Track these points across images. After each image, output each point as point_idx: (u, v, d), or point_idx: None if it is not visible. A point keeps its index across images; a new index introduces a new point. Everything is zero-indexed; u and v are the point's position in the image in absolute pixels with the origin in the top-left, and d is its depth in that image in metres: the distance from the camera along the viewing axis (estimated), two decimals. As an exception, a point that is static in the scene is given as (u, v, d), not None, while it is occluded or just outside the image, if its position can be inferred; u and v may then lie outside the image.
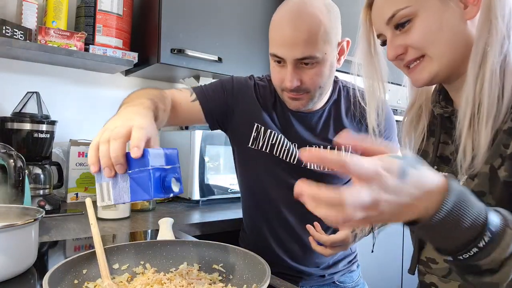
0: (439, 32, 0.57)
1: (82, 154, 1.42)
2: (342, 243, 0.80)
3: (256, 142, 0.97)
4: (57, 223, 1.07)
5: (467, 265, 0.45)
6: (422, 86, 0.63)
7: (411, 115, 0.73)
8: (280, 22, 0.83)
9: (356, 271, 1.07)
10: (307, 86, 0.86)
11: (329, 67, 0.86)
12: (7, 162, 0.92)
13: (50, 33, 1.29)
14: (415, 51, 0.59)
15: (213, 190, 1.49)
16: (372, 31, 0.67)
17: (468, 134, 0.55)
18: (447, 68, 0.59)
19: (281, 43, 0.82)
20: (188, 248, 0.70)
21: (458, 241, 0.43)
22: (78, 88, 1.56)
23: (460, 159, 0.56)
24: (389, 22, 0.60)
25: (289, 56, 0.82)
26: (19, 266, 0.66)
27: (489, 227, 0.43)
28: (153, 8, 1.43)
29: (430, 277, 0.64)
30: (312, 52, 0.81)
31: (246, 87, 1.00)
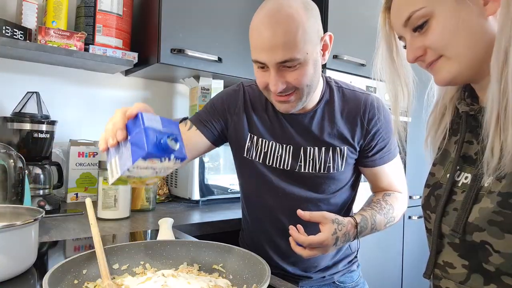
0: (456, 32, 0.55)
1: (82, 154, 1.42)
2: (320, 245, 0.79)
3: (250, 152, 0.98)
4: (57, 223, 1.07)
5: None
6: (444, 85, 0.62)
7: (435, 113, 0.71)
8: (258, 27, 0.82)
9: (356, 271, 1.07)
10: (294, 85, 0.84)
11: (312, 65, 0.84)
12: (7, 162, 0.92)
13: (50, 33, 1.29)
14: (433, 52, 0.59)
15: (213, 190, 1.49)
16: (392, 35, 0.66)
17: (496, 134, 0.53)
18: (469, 68, 0.57)
19: (261, 48, 0.81)
20: (188, 248, 0.70)
21: None
22: (78, 88, 1.56)
23: (487, 159, 0.55)
24: (406, 24, 0.59)
25: (270, 61, 0.81)
26: (19, 266, 0.66)
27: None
28: (153, 8, 1.43)
29: (447, 282, 0.62)
30: (293, 54, 0.80)
31: (236, 98, 1.00)
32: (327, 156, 0.93)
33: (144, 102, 1.71)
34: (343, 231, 0.81)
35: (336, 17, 1.66)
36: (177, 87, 1.83)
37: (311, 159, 0.93)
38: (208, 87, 1.62)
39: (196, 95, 1.63)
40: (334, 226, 0.80)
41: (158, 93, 1.77)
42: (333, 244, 0.80)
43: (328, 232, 0.78)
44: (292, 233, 0.80)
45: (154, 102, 1.75)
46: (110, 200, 1.14)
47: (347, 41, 1.70)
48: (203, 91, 1.61)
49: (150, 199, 1.34)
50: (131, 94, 1.69)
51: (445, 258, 0.62)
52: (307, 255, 0.79)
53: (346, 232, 0.82)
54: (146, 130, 0.57)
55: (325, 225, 0.80)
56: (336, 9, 1.67)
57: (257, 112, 0.98)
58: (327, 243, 0.78)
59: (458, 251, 0.60)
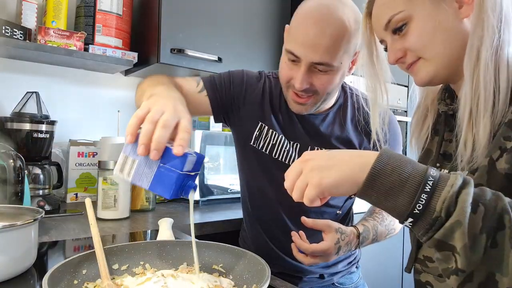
0: (433, 34, 0.58)
1: (82, 154, 1.42)
2: (323, 254, 0.79)
3: (257, 141, 0.96)
4: (57, 223, 1.07)
5: (429, 221, 0.44)
6: (423, 85, 0.65)
7: (417, 115, 0.74)
8: (305, 19, 0.80)
9: (356, 272, 1.06)
10: (316, 89, 0.84)
11: (340, 75, 0.85)
12: (7, 162, 0.92)
13: (50, 33, 1.29)
14: (412, 54, 0.61)
15: (213, 190, 1.49)
16: (373, 39, 0.69)
17: (468, 128, 0.56)
18: (446, 68, 0.60)
19: (302, 42, 0.79)
20: (188, 248, 0.70)
21: (405, 192, 0.45)
22: (78, 88, 1.55)
23: (460, 153, 0.57)
24: (387, 28, 0.62)
25: (306, 58, 0.80)
26: (19, 266, 0.66)
27: (430, 173, 0.45)
28: (153, 8, 1.43)
29: (426, 276, 0.65)
30: (331, 59, 0.79)
31: (255, 83, 0.98)
32: None
33: (144, 102, 1.71)
34: (345, 240, 0.81)
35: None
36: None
37: None
38: (208, 87, 1.62)
39: (196, 95, 1.63)
40: (337, 236, 0.80)
41: (158, 93, 1.76)
42: (335, 253, 0.80)
43: (331, 241, 0.79)
44: (295, 239, 0.81)
45: (154, 102, 1.75)
46: (109, 200, 1.14)
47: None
48: (203, 91, 1.61)
49: (150, 199, 1.34)
50: (131, 94, 1.68)
51: (425, 252, 0.65)
52: (308, 262, 0.80)
53: (349, 242, 0.82)
54: (181, 177, 0.56)
55: (329, 234, 0.80)
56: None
57: (272, 104, 0.97)
58: (329, 252, 0.79)
59: None
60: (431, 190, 0.44)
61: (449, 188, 0.44)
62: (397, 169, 0.47)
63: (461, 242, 0.43)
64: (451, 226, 0.43)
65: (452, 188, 0.44)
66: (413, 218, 0.46)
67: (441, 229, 0.44)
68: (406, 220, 0.46)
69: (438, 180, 0.45)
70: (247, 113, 0.97)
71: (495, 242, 0.43)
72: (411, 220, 0.46)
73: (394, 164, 0.47)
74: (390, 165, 0.47)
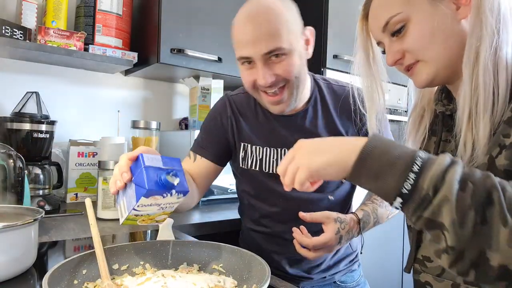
0: (431, 35, 0.59)
1: (82, 154, 1.42)
2: (325, 246, 0.79)
3: (244, 161, 0.98)
4: (57, 223, 1.07)
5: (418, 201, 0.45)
6: (423, 87, 0.65)
7: (414, 115, 0.75)
8: (239, 24, 0.84)
9: (357, 270, 1.06)
10: (283, 77, 0.83)
11: (298, 57, 0.84)
12: (7, 162, 0.92)
13: (50, 33, 1.29)
14: (411, 55, 0.61)
15: (213, 190, 1.49)
16: (369, 41, 0.70)
17: (468, 128, 0.56)
18: (445, 70, 0.60)
19: (245, 42, 0.81)
20: (188, 248, 0.70)
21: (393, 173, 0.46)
22: (78, 88, 1.55)
23: (460, 153, 0.57)
24: (385, 30, 0.62)
25: (255, 53, 0.81)
26: (19, 266, 0.66)
27: (419, 154, 0.47)
28: (153, 8, 1.43)
29: (425, 276, 0.65)
30: (277, 43, 0.80)
31: (224, 111, 1.00)
32: None
33: (144, 102, 1.72)
34: (346, 229, 0.81)
35: (336, 17, 1.67)
36: (177, 87, 1.83)
37: None
38: (208, 87, 1.62)
39: (196, 95, 1.63)
40: (337, 225, 0.80)
41: (158, 93, 1.77)
42: (337, 243, 0.80)
43: (331, 232, 0.79)
44: (296, 235, 0.81)
45: (154, 102, 1.75)
46: (109, 200, 1.14)
47: (347, 41, 1.70)
48: (203, 91, 1.61)
49: (150, 199, 1.33)
50: (131, 94, 1.69)
51: (423, 252, 0.65)
52: (312, 257, 0.80)
53: (350, 230, 0.82)
54: (146, 169, 0.61)
55: (328, 225, 0.80)
56: (336, 9, 1.67)
57: (247, 119, 0.98)
58: (331, 243, 0.78)
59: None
60: (420, 169, 0.45)
61: (437, 166, 0.45)
62: (386, 151, 0.48)
63: (449, 218, 0.43)
64: (439, 203, 0.44)
65: (440, 166, 0.45)
66: (402, 199, 0.46)
67: (429, 206, 0.45)
68: (395, 200, 0.47)
69: (426, 160, 0.46)
70: (231, 140, 0.99)
71: (484, 219, 0.43)
72: (401, 201, 0.46)
73: (383, 147, 0.48)
74: (379, 148, 0.48)
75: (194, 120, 1.64)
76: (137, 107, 1.70)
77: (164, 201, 0.63)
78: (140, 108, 1.71)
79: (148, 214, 0.65)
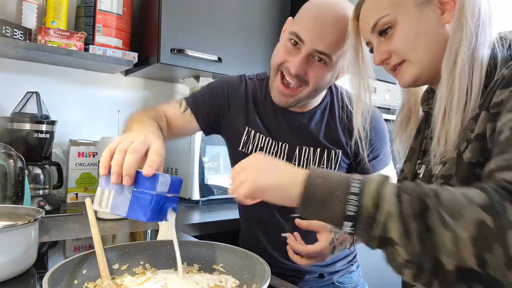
0: (417, 37, 0.61)
1: (82, 154, 1.42)
2: (318, 255, 0.78)
3: (246, 146, 0.97)
4: (57, 223, 1.07)
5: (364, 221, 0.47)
6: (407, 87, 0.68)
7: (401, 116, 0.78)
8: (318, 9, 0.81)
9: (355, 271, 1.06)
10: (308, 80, 0.84)
11: (331, 75, 0.86)
12: (7, 162, 0.92)
13: (50, 33, 1.29)
14: (397, 56, 0.64)
15: (212, 190, 1.49)
16: (359, 41, 0.72)
17: (442, 126, 0.59)
18: (428, 70, 0.63)
19: (311, 27, 0.80)
20: (188, 248, 0.70)
21: (335, 198, 0.49)
22: (78, 88, 1.55)
23: (434, 148, 0.61)
24: (373, 30, 0.65)
25: (311, 43, 0.80)
26: (19, 266, 0.66)
27: (354, 177, 0.50)
28: (153, 8, 1.43)
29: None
30: (332, 51, 0.81)
31: (237, 89, 0.99)
32: (321, 158, 0.94)
33: (144, 102, 1.72)
34: (340, 239, 0.81)
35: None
36: (177, 87, 1.83)
37: (306, 159, 0.94)
38: (208, 87, 1.62)
39: (196, 95, 1.63)
40: (332, 235, 0.79)
41: (158, 93, 1.77)
42: (330, 253, 0.80)
43: (325, 242, 0.78)
44: (289, 242, 0.80)
45: (154, 102, 1.75)
46: (110, 200, 1.14)
47: (347, 41, 1.70)
48: (203, 91, 1.61)
49: (150, 199, 1.33)
50: (131, 94, 1.69)
51: None
52: (304, 264, 0.80)
53: (343, 241, 0.82)
54: (155, 198, 0.57)
55: (323, 234, 0.79)
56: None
57: (256, 107, 0.98)
58: (324, 252, 0.78)
59: None
60: (360, 190, 0.48)
61: (371, 184, 0.48)
62: (327, 179, 0.50)
63: (397, 232, 0.45)
64: (384, 219, 0.45)
65: (374, 184, 0.48)
66: (351, 222, 0.48)
67: (377, 224, 0.46)
68: (344, 225, 0.48)
69: (363, 181, 0.49)
70: (233, 120, 0.98)
71: (426, 226, 0.43)
72: (350, 224, 0.48)
73: (323, 176, 0.51)
74: (320, 177, 0.51)
75: (194, 120, 1.64)
76: (137, 107, 1.70)
77: None
78: (140, 108, 1.71)
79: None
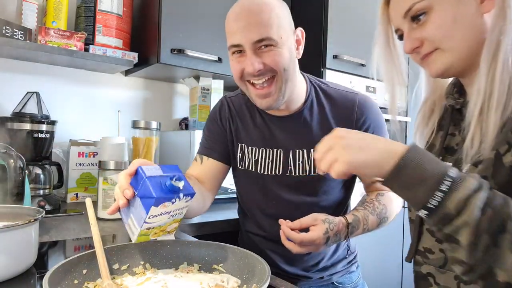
0: (453, 26, 0.58)
1: (82, 154, 1.42)
2: (311, 244, 0.78)
3: (242, 162, 0.99)
4: (57, 223, 1.07)
5: (441, 217, 0.50)
6: (437, 77, 0.65)
7: (424, 110, 0.74)
8: (232, 14, 0.85)
9: (355, 272, 1.06)
10: (271, 67, 0.83)
11: (288, 51, 0.85)
12: (7, 162, 0.92)
13: (50, 33, 1.29)
14: (429, 44, 0.61)
15: (213, 190, 1.49)
16: (390, 27, 0.69)
17: (478, 123, 0.57)
18: (461, 61, 0.60)
19: (236, 30, 0.83)
20: (188, 248, 0.70)
21: (424, 188, 0.50)
22: (78, 88, 1.56)
23: (466, 147, 0.58)
24: (406, 16, 0.62)
25: (246, 41, 0.82)
26: (19, 266, 0.66)
27: (449, 174, 0.50)
28: (153, 8, 1.43)
29: (427, 267, 0.65)
30: (268, 33, 0.81)
31: (223, 112, 1.02)
32: None
33: (144, 102, 1.72)
34: (334, 230, 0.81)
35: (336, 17, 1.66)
36: (177, 87, 1.83)
37: (301, 162, 0.93)
38: (208, 87, 1.62)
39: (196, 95, 1.63)
40: (326, 226, 0.79)
41: (158, 93, 1.77)
42: (324, 243, 0.80)
43: (319, 231, 0.78)
44: (283, 228, 0.80)
45: (154, 102, 1.75)
46: (110, 200, 1.14)
47: (347, 41, 1.70)
48: (203, 91, 1.61)
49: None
50: (131, 94, 1.69)
51: (424, 244, 0.66)
52: (297, 251, 0.79)
53: (337, 232, 0.81)
54: (149, 179, 0.61)
55: (317, 225, 0.79)
56: (336, 9, 1.67)
57: (243, 120, 0.99)
58: (318, 242, 0.78)
59: (435, 236, 0.63)
60: (448, 189, 0.49)
61: (464, 190, 0.49)
62: (421, 165, 0.51)
63: (467, 240, 0.48)
64: (459, 224, 0.49)
65: (466, 190, 0.49)
66: (427, 211, 0.51)
67: (450, 225, 0.50)
68: (420, 211, 0.52)
69: (455, 180, 0.49)
70: (230, 141, 1.01)
71: (496, 243, 0.47)
72: (426, 213, 0.51)
73: (418, 160, 0.52)
74: (415, 161, 0.52)
75: (194, 120, 1.65)
76: (137, 107, 1.70)
77: (174, 207, 0.64)
78: (140, 108, 1.71)
79: (160, 225, 0.65)
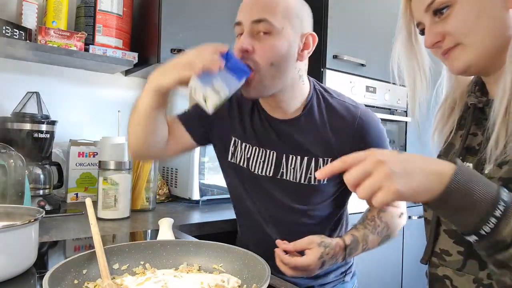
0: (476, 21, 0.56)
1: (82, 154, 1.42)
2: (305, 268, 0.76)
3: (234, 156, 0.96)
4: (57, 223, 1.07)
5: (493, 243, 0.47)
6: (459, 74, 0.63)
7: (443, 108, 0.72)
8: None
9: (349, 282, 1.02)
10: (257, 58, 0.80)
11: (286, 46, 0.81)
12: (7, 162, 0.92)
13: (50, 33, 1.29)
14: (451, 39, 0.59)
15: (213, 190, 1.49)
16: (412, 21, 0.67)
17: (503, 123, 0.54)
18: (484, 58, 0.58)
19: (242, 8, 0.84)
20: (188, 248, 0.70)
21: (475, 213, 0.46)
22: (78, 88, 1.56)
23: (491, 147, 0.56)
24: (428, 9, 0.60)
25: (246, 19, 0.81)
26: (19, 266, 0.66)
27: (502, 197, 0.46)
28: (153, 8, 1.43)
29: (444, 269, 0.63)
30: (269, 16, 0.79)
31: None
32: (309, 167, 0.89)
33: (144, 102, 1.71)
34: (330, 254, 0.78)
35: (336, 17, 1.66)
36: (177, 87, 1.82)
37: (292, 168, 0.90)
38: (208, 87, 1.62)
39: (196, 95, 1.63)
40: (321, 250, 0.77)
41: (158, 93, 1.77)
42: (319, 268, 0.77)
43: (314, 256, 0.76)
44: (277, 251, 0.78)
45: (154, 102, 1.75)
46: (110, 200, 1.14)
47: (347, 41, 1.70)
48: (203, 91, 1.61)
49: (150, 199, 1.34)
50: (131, 94, 1.69)
51: (441, 245, 0.64)
52: (290, 274, 0.78)
53: (334, 255, 0.79)
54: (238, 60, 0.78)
55: (312, 249, 0.77)
56: (336, 9, 1.67)
57: (243, 115, 0.96)
58: (312, 267, 0.76)
59: (453, 237, 0.61)
60: (502, 214, 0.46)
61: None
62: (470, 188, 0.47)
63: None
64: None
65: None
66: (478, 237, 0.48)
67: (504, 252, 0.47)
68: (470, 236, 0.48)
69: (508, 205, 0.46)
70: (221, 131, 0.98)
71: None
72: (476, 238, 0.48)
73: (468, 182, 0.47)
74: (464, 183, 0.47)
75: (194, 120, 1.65)
76: (137, 107, 1.70)
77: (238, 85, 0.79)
78: (140, 108, 1.71)
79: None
